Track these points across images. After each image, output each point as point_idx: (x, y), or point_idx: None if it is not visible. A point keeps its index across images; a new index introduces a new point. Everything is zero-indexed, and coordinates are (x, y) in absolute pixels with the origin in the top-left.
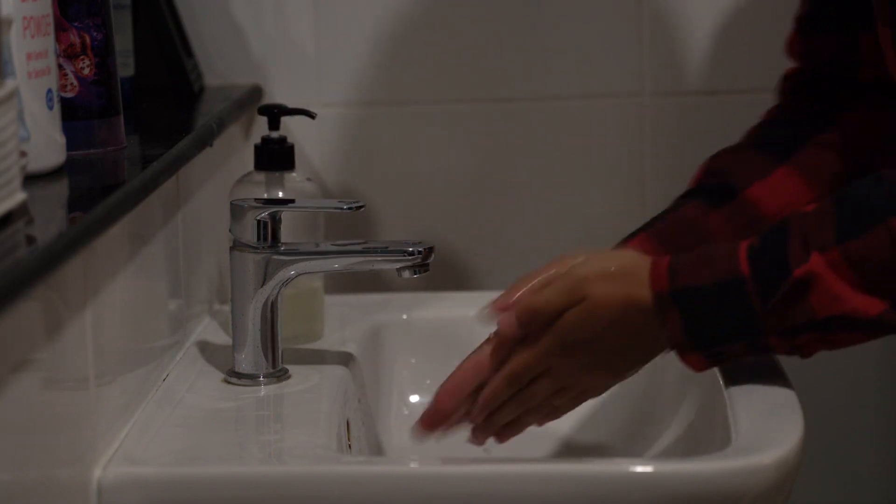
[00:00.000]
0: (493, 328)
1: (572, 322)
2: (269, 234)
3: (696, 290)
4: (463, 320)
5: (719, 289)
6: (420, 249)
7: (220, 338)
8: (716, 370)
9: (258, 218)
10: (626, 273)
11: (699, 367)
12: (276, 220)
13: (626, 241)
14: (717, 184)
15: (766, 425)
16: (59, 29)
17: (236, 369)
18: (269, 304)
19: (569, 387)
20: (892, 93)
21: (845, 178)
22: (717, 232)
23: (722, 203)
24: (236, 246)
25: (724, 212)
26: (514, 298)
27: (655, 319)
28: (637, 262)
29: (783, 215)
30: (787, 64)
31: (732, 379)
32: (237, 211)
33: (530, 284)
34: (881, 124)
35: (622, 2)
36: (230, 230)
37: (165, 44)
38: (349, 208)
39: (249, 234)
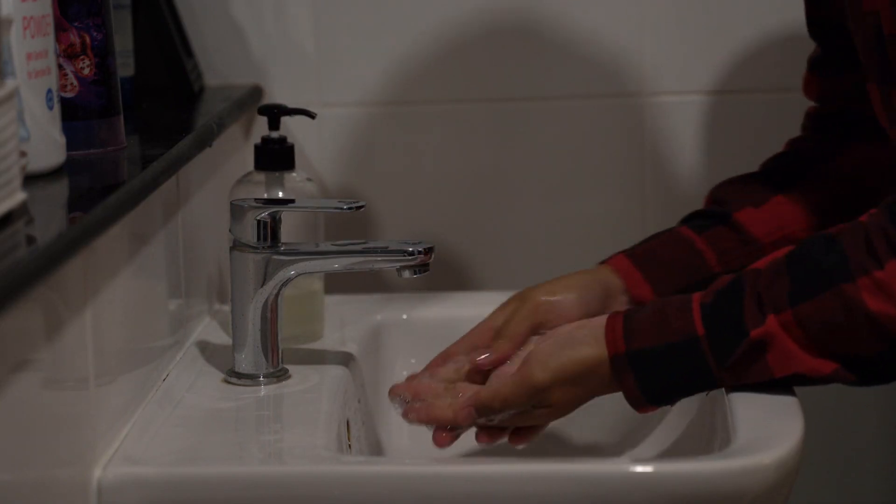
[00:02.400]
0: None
1: (537, 416)
2: (269, 234)
3: (651, 353)
4: (463, 320)
5: (674, 350)
6: (420, 249)
7: (220, 338)
8: None
9: (258, 218)
10: (584, 374)
11: (650, 411)
12: (276, 220)
13: (607, 260)
14: (712, 210)
15: (765, 425)
16: (59, 29)
17: (236, 369)
18: (269, 304)
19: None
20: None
21: (840, 207)
22: (705, 251)
23: (710, 227)
24: (236, 246)
25: (711, 234)
26: (473, 394)
27: (610, 386)
28: (593, 358)
29: (773, 238)
30: (787, 63)
31: None
32: (237, 211)
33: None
34: (884, 157)
35: (622, 2)
36: (230, 230)
37: (165, 44)
38: (349, 208)
39: (249, 234)
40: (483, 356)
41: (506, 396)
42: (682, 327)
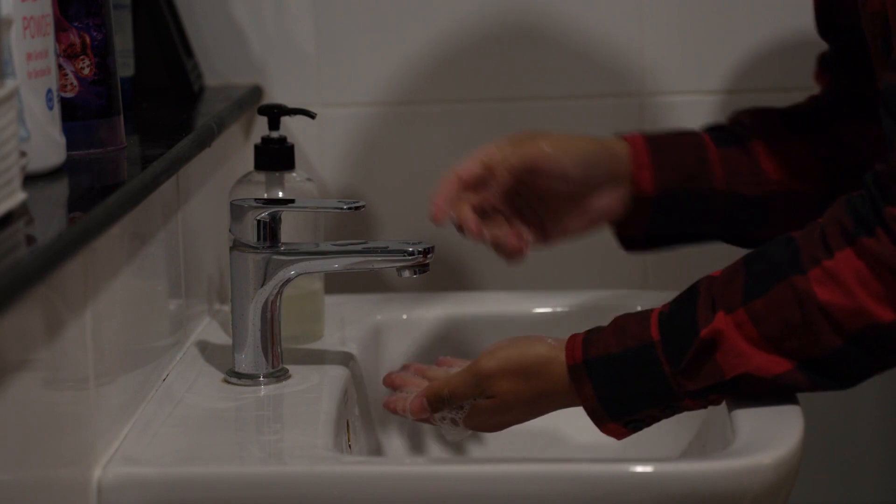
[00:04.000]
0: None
1: (483, 409)
2: (268, 234)
3: (608, 359)
4: (463, 320)
5: (630, 355)
6: (420, 249)
7: (220, 338)
8: None
9: (258, 218)
10: (532, 369)
11: (619, 435)
12: (276, 220)
13: (624, 135)
14: (734, 128)
15: (765, 426)
16: (59, 29)
17: (236, 369)
18: (269, 304)
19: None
20: None
21: (846, 172)
22: (715, 165)
23: (729, 143)
24: (236, 246)
25: (727, 151)
26: (426, 386)
27: (566, 396)
28: (543, 356)
29: (779, 186)
30: (787, 63)
31: None
32: (237, 211)
33: None
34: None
35: (623, 2)
36: (230, 230)
37: (165, 44)
38: (349, 208)
39: (249, 235)
40: (461, 168)
41: (453, 384)
42: (638, 333)
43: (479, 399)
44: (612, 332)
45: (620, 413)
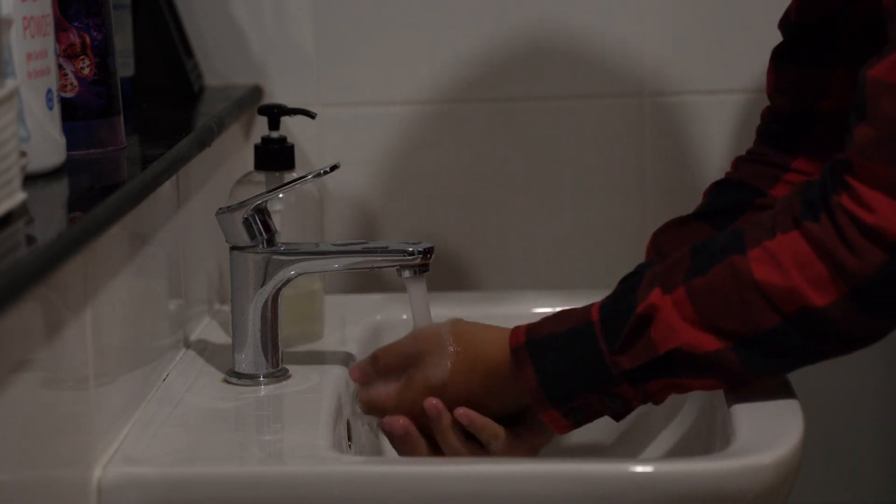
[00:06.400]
0: None
1: (419, 381)
2: (260, 228)
3: (548, 339)
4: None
5: (569, 335)
6: (420, 249)
7: (220, 338)
8: None
9: (245, 217)
10: (473, 343)
11: (560, 426)
12: (262, 212)
13: None
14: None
15: (766, 426)
16: (59, 29)
17: (236, 369)
18: (269, 304)
19: None
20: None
21: None
22: None
23: None
24: (236, 246)
25: None
26: (367, 395)
27: (506, 381)
28: (486, 338)
29: None
30: None
31: None
32: (224, 221)
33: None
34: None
35: (623, 2)
36: (226, 241)
37: (165, 44)
38: (325, 172)
39: (244, 236)
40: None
41: (397, 402)
42: (579, 316)
43: (412, 371)
44: (556, 317)
45: (559, 397)
